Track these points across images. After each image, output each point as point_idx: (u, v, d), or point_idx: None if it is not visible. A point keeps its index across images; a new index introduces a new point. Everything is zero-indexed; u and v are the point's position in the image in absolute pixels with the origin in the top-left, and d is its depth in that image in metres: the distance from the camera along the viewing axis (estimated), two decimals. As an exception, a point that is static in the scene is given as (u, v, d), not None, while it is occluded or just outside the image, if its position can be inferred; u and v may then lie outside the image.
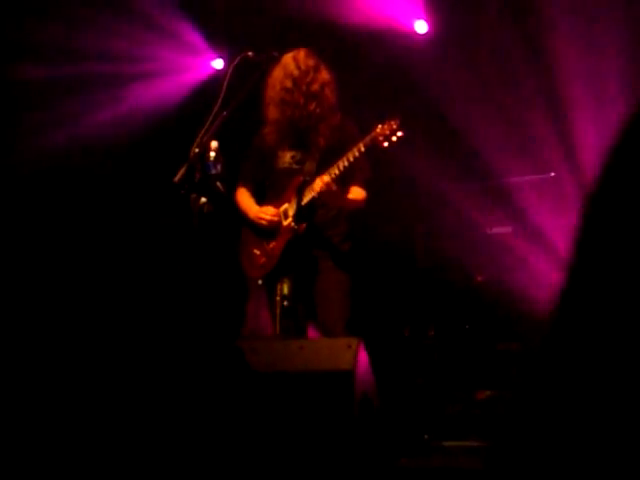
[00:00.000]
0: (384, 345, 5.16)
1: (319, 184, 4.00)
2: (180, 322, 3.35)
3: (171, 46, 6.09)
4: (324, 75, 4.27)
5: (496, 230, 5.35)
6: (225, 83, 3.76)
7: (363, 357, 3.29)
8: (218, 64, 6.26)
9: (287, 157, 4.29)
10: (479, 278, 5.26)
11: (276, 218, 4.21)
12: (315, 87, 4.23)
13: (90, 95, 5.90)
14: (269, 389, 3.18)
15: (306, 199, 4.12)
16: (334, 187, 4.04)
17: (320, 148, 4.20)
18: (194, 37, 6.11)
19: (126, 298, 5.29)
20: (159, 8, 5.90)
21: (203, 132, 3.70)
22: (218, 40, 6.12)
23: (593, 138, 5.08)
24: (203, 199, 3.64)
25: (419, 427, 4.76)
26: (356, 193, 4.24)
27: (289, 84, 4.23)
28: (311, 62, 4.27)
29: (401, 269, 5.58)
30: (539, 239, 5.04)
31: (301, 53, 4.29)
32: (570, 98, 5.29)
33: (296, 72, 4.23)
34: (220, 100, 3.73)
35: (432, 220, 5.50)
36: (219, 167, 3.71)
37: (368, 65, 5.68)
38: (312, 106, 4.21)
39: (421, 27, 5.70)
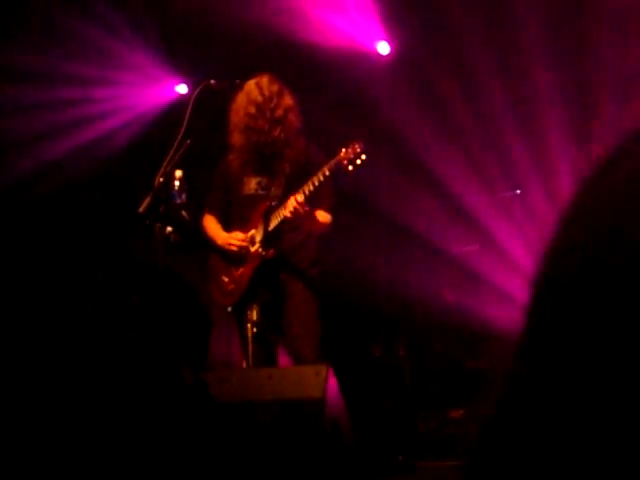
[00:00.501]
0: (355, 366, 5.16)
1: (292, 203, 3.99)
2: (142, 354, 3.33)
3: (134, 71, 6.09)
4: (287, 100, 4.28)
5: (463, 249, 5.39)
6: (188, 112, 3.77)
7: (332, 383, 3.29)
8: (182, 89, 6.26)
9: (253, 183, 4.29)
10: (449, 297, 5.29)
11: (245, 243, 4.20)
12: (279, 112, 4.23)
13: (52, 120, 5.87)
14: (239, 419, 3.17)
15: (273, 224, 4.13)
16: (306, 207, 4.03)
17: (285, 173, 4.21)
18: (157, 62, 6.11)
19: (90, 328, 5.24)
20: (122, 33, 5.90)
21: (167, 161, 3.70)
22: (181, 65, 6.13)
23: (560, 154, 5.15)
24: (169, 229, 3.63)
25: (393, 448, 4.76)
26: (322, 217, 4.24)
27: (253, 110, 4.22)
28: (274, 88, 4.28)
29: (369, 291, 5.59)
30: (505, 256, 5.08)
31: (264, 79, 4.29)
32: (534, 113, 5.36)
33: (259, 98, 4.23)
34: (183, 129, 3.73)
35: (397, 241, 5.53)
36: (184, 196, 3.71)
37: (331, 88, 5.70)
38: (276, 132, 4.22)
39: (383, 48, 5.75)
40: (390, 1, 5.57)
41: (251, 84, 4.24)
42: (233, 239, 4.24)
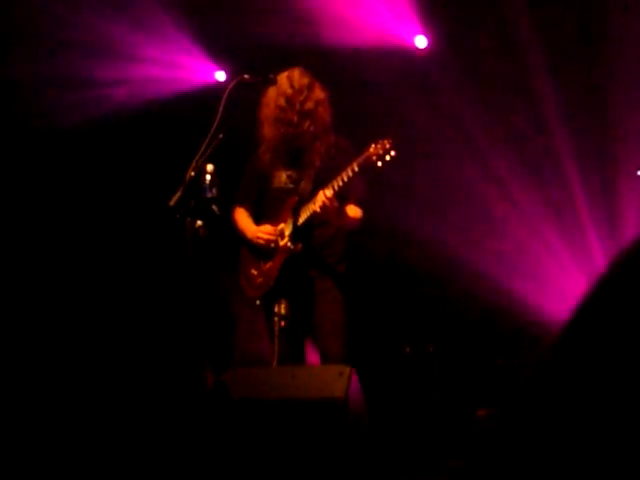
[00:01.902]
0: (384, 363, 5.14)
1: (321, 198, 3.98)
2: (167, 347, 3.35)
3: (174, 56, 6.13)
4: (318, 93, 4.25)
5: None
6: (221, 106, 3.76)
7: (355, 384, 3.28)
8: (221, 76, 6.29)
9: (283, 176, 4.28)
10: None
11: (273, 237, 4.20)
12: (309, 105, 4.21)
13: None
14: (261, 416, 3.18)
15: (302, 219, 4.11)
16: (335, 203, 4.01)
17: (315, 167, 4.19)
18: (198, 48, 6.14)
19: (117, 322, 5.29)
20: (165, 18, 5.94)
21: (199, 155, 3.69)
22: (221, 53, 6.14)
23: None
24: (199, 222, 3.63)
25: (420, 446, 4.74)
26: (353, 212, 4.22)
27: (283, 103, 4.22)
28: (305, 81, 4.26)
29: (399, 285, 5.56)
30: (552, 254, 5.02)
31: (295, 72, 4.28)
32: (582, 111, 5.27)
33: (290, 91, 4.22)
34: (216, 123, 3.72)
35: (433, 233, 5.47)
36: (215, 190, 3.70)
37: (362, 82, 5.65)
38: (306, 125, 4.20)
39: (421, 42, 5.69)
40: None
41: (282, 77, 4.22)
42: (262, 232, 4.24)
